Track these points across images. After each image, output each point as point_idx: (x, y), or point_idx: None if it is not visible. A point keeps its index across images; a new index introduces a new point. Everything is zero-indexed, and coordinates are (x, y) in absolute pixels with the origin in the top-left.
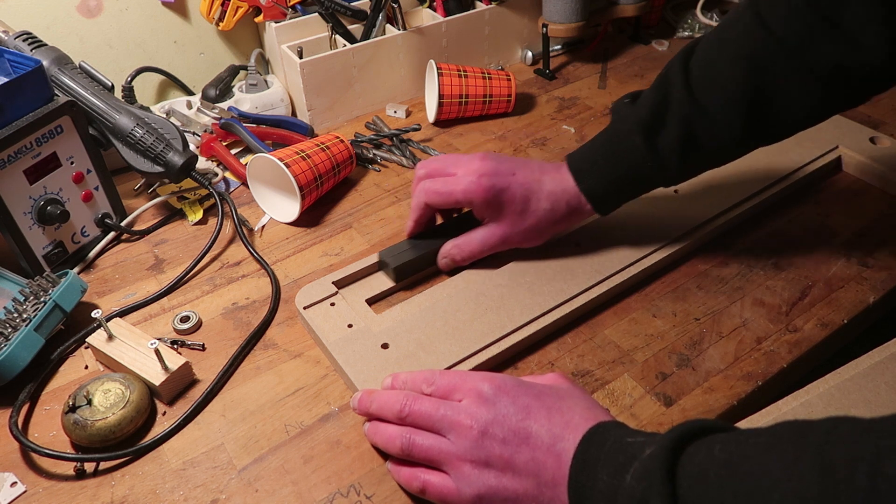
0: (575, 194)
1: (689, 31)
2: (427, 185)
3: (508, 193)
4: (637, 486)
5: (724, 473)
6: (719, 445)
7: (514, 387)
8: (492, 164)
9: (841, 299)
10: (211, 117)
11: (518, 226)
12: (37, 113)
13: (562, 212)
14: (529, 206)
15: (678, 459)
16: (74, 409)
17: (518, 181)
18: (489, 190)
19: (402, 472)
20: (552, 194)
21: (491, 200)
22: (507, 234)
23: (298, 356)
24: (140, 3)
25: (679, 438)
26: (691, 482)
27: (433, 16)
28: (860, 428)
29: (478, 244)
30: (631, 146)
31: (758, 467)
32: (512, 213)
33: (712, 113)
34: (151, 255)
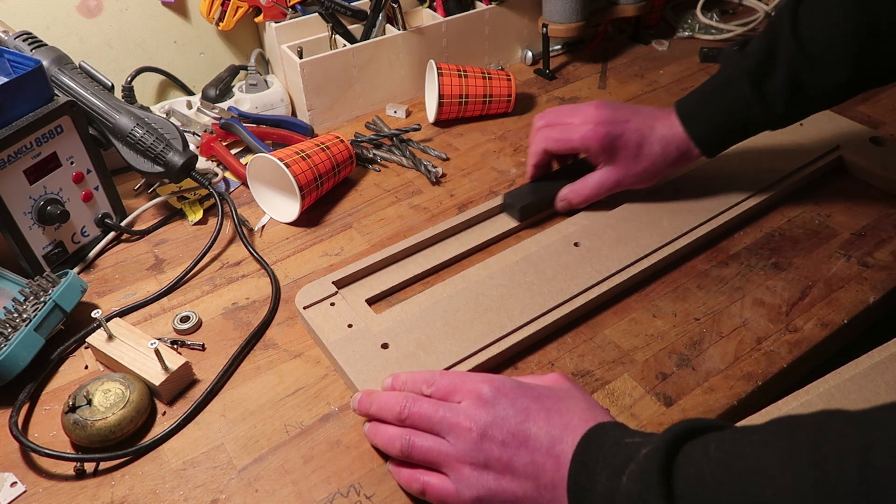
0: (684, 139)
1: (689, 31)
2: (546, 133)
3: (623, 139)
4: (634, 488)
5: (719, 472)
6: (714, 444)
7: (513, 389)
8: (607, 113)
9: (841, 299)
10: (211, 117)
11: (631, 169)
12: (37, 113)
13: (672, 156)
14: (642, 151)
15: (674, 459)
16: (74, 409)
17: (632, 128)
18: (605, 137)
19: (402, 473)
20: (664, 139)
21: (606, 147)
22: (621, 177)
23: (298, 356)
24: (140, 3)
25: (674, 438)
26: (687, 482)
27: (433, 16)
28: (850, 421)
29: (593, 187)
30: (738, 93)
31: (752, 465)
32: (626, 157)
33: (819, 57)
34: (151, 255)
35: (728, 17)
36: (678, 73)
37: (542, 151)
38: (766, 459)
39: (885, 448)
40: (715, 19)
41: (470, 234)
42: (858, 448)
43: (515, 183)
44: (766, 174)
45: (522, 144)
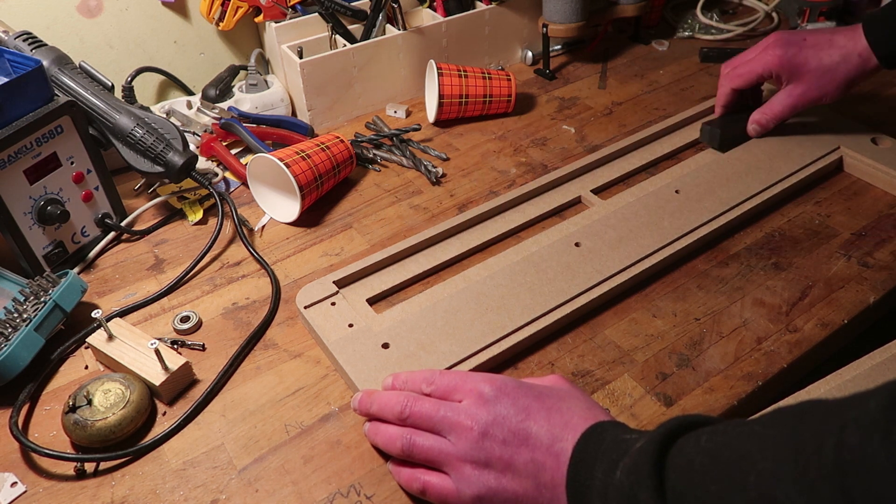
0: (865, 46)
1: (689, 32)
2: (729, 72)
3: (801, 55)
4: (626, 481)
5: (707, 461)
6: (706, 436)
7: (514, 388)
8: (782, 36)
9: (841, 299)
10: (211, 117)
11: (814, 81)
12: (37, 113)
13: (854, 63)
14: (822, 62)
15: (667, 453)
16: (74, 409)
17: (809, 43)
18: (783, 56)
19: (403, 472)
20: (843, 48)
21: (786, 65)
22: (804, 90)
23: (298, 356)
24: (140, 3)
25: (668, 433)
26: (678, 473)
27: (433, 16)
28: (831, 405)
29: (779, 105)
30: None
31: (738, 453)
32: (807, 71)
33: None
34: (151, 255)
35: (728, 17)
36: (678, 73)
37: (729, 91)
38: (751, 446)
39: (858, 425)
40: (715, 19)
41: (470, 234)
42: (836, 428)
43: (515, 183)
44: (766, 174)
45: (522, 144)
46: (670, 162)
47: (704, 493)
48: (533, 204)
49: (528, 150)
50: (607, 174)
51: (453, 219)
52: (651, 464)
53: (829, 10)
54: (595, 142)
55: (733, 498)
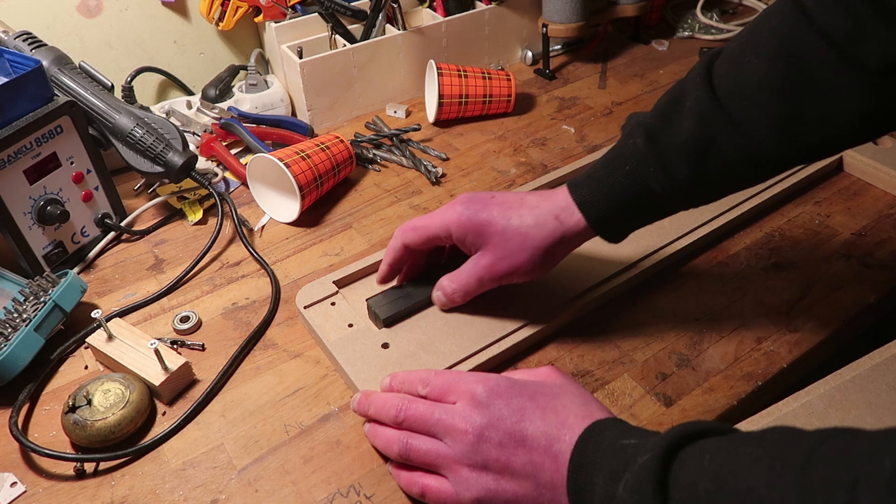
0: (565, 206)
1: (689, 31)
2: (403, 225)
3: (484, 213)
4: (629, 499)
5: (712, 488)
6: (709, 455)
7: (507, 388)
8: (468, 195)
9: (841, 299)
10: (211, 117)
11: (501, 248)
12: (37, 113)
13: (550, 226)
14: (510, 223)
15: (669, 467)
16: (74, 409)
17: (497, 201)
18: (461, 215)
19: (402, 475)
20: (536, 207)
21: (466, 225)
22: (491, 261)
23: (298, 356)
24: (140, 3)
25: (670, 446)
26: (681, 495)
27: (433, 16)
28: (844, 447)
29: (465, 275)
30: (631, 150)
31: (744, 484)
32: (491, 234)
33: (737, 117)
34: (151, 255)
35: (728, 17)
36: (678, 73)
37: (399, 247)
38: (758, 480)
39: (872, 487)
40: (715, 19)
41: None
42: (847, 482)
43: (515, 183)
44: None
45: (522, 144)
46: None
47: None
48: None
49: (528, 150)
50: None
51: None
52: (654, 483)
53: None
54: (595, 142)
55: None
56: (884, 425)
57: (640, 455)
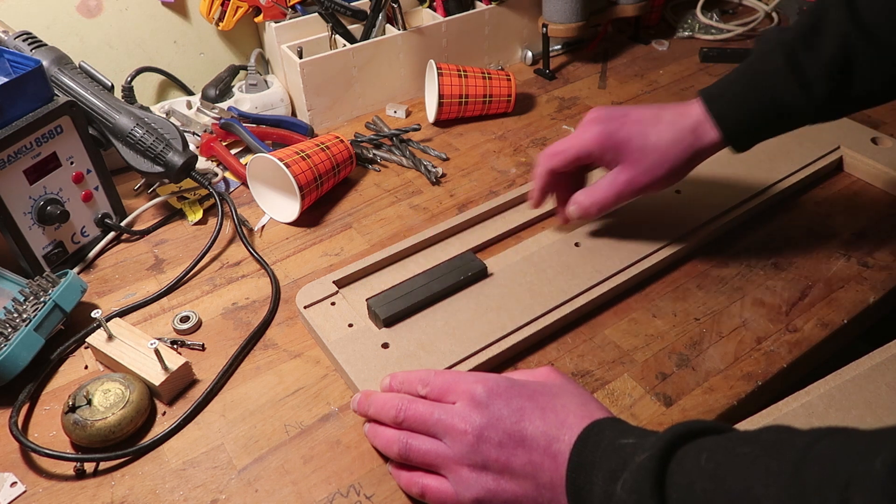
0: (701, 121)
1: (689, 31)
2: (544, 152)
3: (623, 132)
4: (627, 499)
5: (709, 487)
6: (707, 454)
7: (507, 388)
8: (602, 112)
9: (841, 299)
10: (211, 117)
11: (641, 163)
12: (37, 113)
13: (686, 141)
14: (649, 140)
15: (667, 467)
16: (74, 409)
17: (633, 118)
18: (601, 134)
19: (402, 475)
20: (673, 124)
21: (605, 143)
22: (630, 176)
23: (298, 356)
24: (140, 3)
25: (667, 447)
26: (679, 495)
27: (433, 16)
28: (837, 447)
29: (602, 191)
30: (771, 68)
31: (741, 484)
32: (630, 151)
33: (882, 41)
34: (151, 255)
35: (728, 17)
36: (678, 73)
37: (546, 172)
38: (754, 479)
39: (864, 486)
40: (715, 19)
41: (470, 234)
42: (840, 482)
43: (515, 183)
44: (766, 174)
45: (522, 144)
46: None
47: None
48: None
49: (528, 150)
50: None
51: (453, 219)
52: (652, 482)
53: None
54: None
55: None
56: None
57: (639, 454)
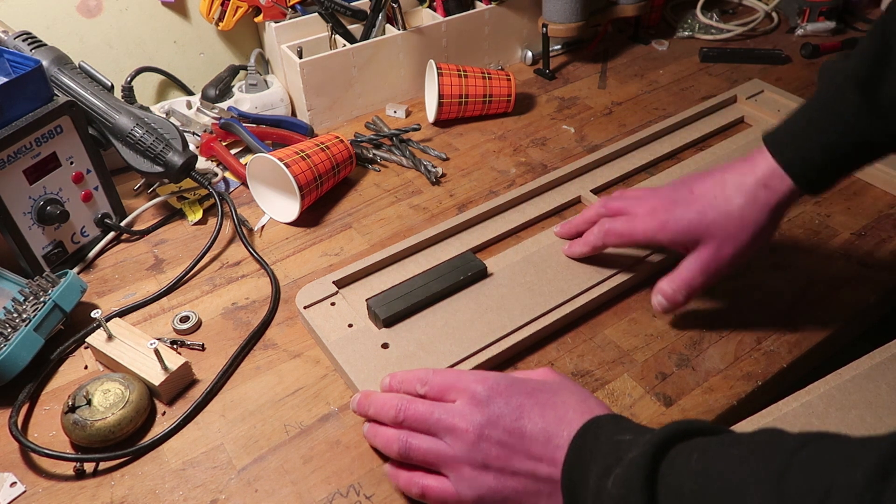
0: (769, 173)
1: (689, 31)
2: (608, 226)
3: (690, 214)
4: (616, 493)
5: (696, 488)
6: (697, 454)
7: (506, 386)
8: (666, 195)
9: (841, 299)
10: (211, 117)
11: (720, 236)
12: (36, 113)
13: (761, 200)
14: (721, 212)
15: (659, 466)
16: (74, 409)
17: (698, 194)
18: (667, 223)
19: (401, 476)
20: (741, 186)
21: (673, 230)
22: (714, 250)
23: (298, 356)
24: (140, 3)
25: (661, 443)
26: (668, 492)
27: (433, 16)
28: (824, 455)
29: (687, 272)
30: (843, 104)
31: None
32: (706, 228)
33: None
34: (151, 255)
35: (728, 17)
36: (678, 73)
37: (599, 246)
38: (741, 481)
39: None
40: (715, 19)
41: (470, 234)
42: (821, 491)
43: (515, 183)
44: None
45: (522, 144)
46: (670, 162)
47: None
48: (533, 204)
49: (528, 150)
50: (607, 174)
51: (453, 219)
52: (642, 478)
53: (828, 9)
54: (595, 142)
55: None
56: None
57: (633, 451)
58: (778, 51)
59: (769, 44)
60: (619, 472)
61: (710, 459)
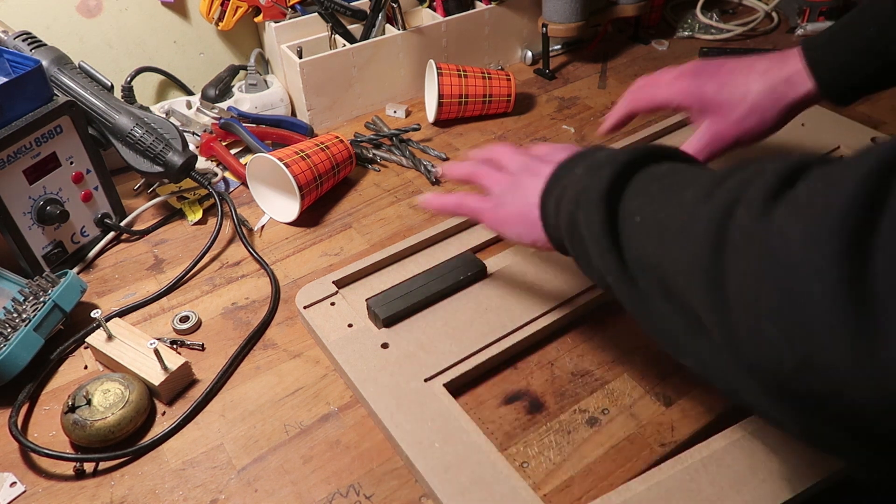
0: (797, 70)
1: (689, 31)
2: (634, 87)
3: (711, 84)
4: (581, 180)
5: (647, 211)
6: (656, 182)
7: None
8: (699, 64)
9: None
10: (210, 117)
11: (729, 116)
12: (36, 113)
13: (779, 91)
14: (737, 91)
15: (625, 187)
16: (74, 409)
17: (726, 69)
18: (690, 86)
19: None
20: (766, 73)
21: (693, 96)
22: (718, 128)
23: (298, 356)
24: (140, 3)
25: (624, 168)
26: (627, 212)
27: (433, 16)
28: (748, 171)
29: (695, 146)
30: (879, 11)
31: (665, 210)
32: (718, 103)
33: None
34: (151, 255)
35: (728, 17)
36: None
37: (627, 111)
38: (675, 205)
39: (748, 207)
40: (715, 19)
41: (470, 234)
42: (740, 185)
43: None
44: None
45: (522, 144)
46: None
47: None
48: None
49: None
50: None
51: (453, 219)
52: (611, 179)
53: (828, 9)
54: (595, 142)
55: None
56: None
57: (602, 169)
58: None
59: (769, 44)
60: (591, 163)
61: (663, 185)
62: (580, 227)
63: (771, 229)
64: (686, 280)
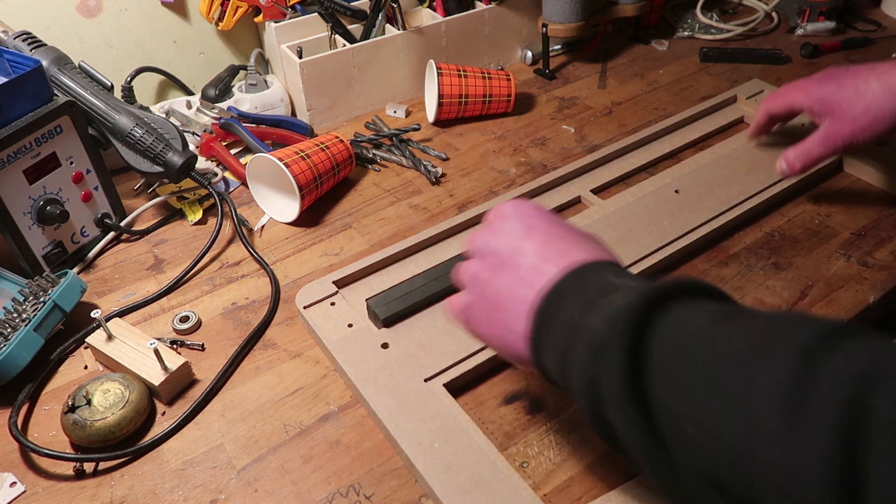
0: None
1: (689, 31)
2: (771, 95)
3: (830, 86)
4: (601, 329)
5: (693, 344)
6: (701, 313)
7: (530, 209)
8: (829, 69)
9: (841, 299)
10: (210, 117)
11: (846, 113)
12: (36, 113)
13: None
14: (857, 91)
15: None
16: (74, 409)
17: (850, 71)
18: (811, 89)
19: None
20: (885, 73)
21: (812, 97)
22: (835, 125)
23: (298, 356)
24: (140, 3)
25: (662, 292)
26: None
27: (433, 16)
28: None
29: (810, 142)
30: None
31: (732, 352)
32: (838, 102)
33: None
34: (151, 255)
35: (728, 17)
36: (678, 73)
37: (765, 112)
38: (748, 352)
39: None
40: (715, 19)
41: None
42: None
43: (515, 183)
44: (766, 174)
45: (522, 144)
46: (670, 162)
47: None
48: None
49: (528, 150)
50: (607, 174)
51: (453, 219)
52: (634, 320)
53: (828, 9)
54: (595, 142)
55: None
56: None
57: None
58: (778, 51)
59: (769, 44)
60: (609, 311)
61: (716, 324)
62: (610, 418)
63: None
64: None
